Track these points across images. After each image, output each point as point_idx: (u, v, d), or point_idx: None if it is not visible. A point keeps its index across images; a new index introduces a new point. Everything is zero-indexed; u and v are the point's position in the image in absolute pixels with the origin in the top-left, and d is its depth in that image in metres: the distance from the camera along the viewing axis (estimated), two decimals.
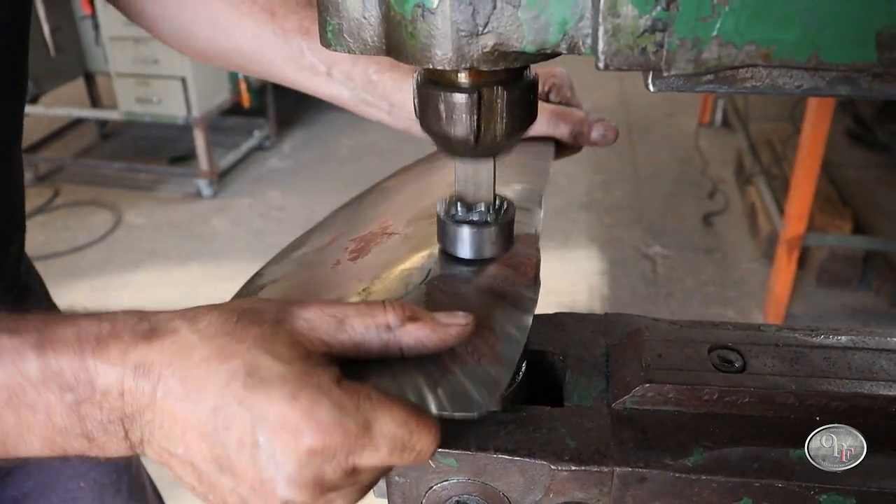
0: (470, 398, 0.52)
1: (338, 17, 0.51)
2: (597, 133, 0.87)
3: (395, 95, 0.89)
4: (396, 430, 0.50)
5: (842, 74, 0.46)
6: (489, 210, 0.61)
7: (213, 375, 0.48)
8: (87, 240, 3.94)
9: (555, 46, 0.47)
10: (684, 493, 0.59)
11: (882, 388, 0.62)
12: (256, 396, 0.48)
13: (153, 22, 0.97)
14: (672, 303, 3.31)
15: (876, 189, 3.97)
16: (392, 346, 0.54)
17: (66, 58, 4.21)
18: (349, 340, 0.53)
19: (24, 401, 0.49)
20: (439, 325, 0.54)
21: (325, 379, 0.49)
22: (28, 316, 0.51)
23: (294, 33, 0.90)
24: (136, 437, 0.50)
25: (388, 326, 0.53)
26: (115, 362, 0.49)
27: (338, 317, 0.53)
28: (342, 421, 0.48)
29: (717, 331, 0.70)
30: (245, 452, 0.48)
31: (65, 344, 0.49)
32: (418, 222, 0.74)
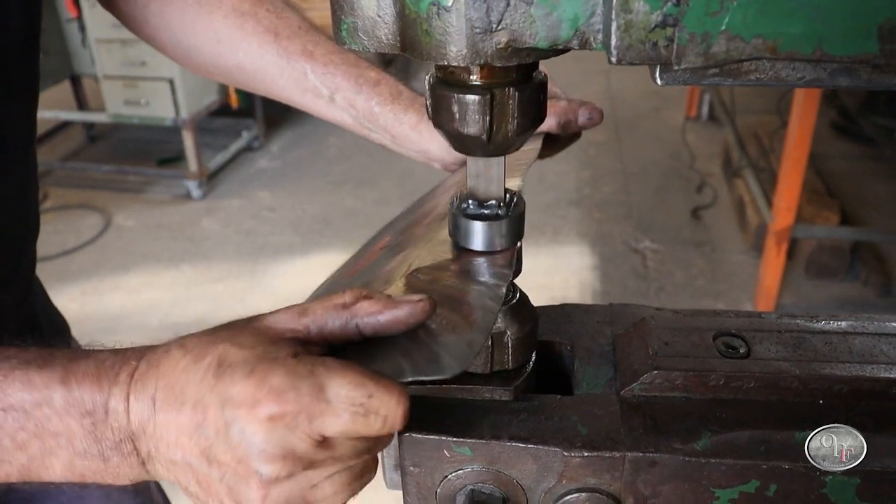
0: (440, 362, 0.55)
1: (352, 16, 0.52)
2: (583, 117, 0.88)
3: (396, 128, 0.91)
4: (352, 391, 0.51)
5: (844, 66, 0.47)
6: (500, 204, 0.63)
7: (191, 375, 0.53)
8: (77, 243, 3.93)
9: (567, 42, 0.48)
10: (694, 476, 0.60)
11: (883, 371, 0.64)
12: (223, 381, 0.52)
13: (156, 33, 0.97)
14: (663, 296, 3.34)
15: (862, 180, 4.01)
16: (350, 324, 0.57)
17: (52, 60, 4.19)
18: (312, 323, 0.56)
19: (49, 428, 0.54)
20: (391, 303, 0.56)
21: (282, 353, 0.53)
22: (55, 352, 0.57)
23: (297, 56, 0.92)
24: (144, 452, 0.55)
25: (345, 305, 0.56)
26: (122, 384, 0.54)
27: (300, 308, 0.57)
28: (295, 384, 0.51)
29: (720, 319, 0.72)
30: (222, 436, 0.51)
31: (86, 375, 0.54)
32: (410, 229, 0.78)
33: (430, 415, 0.64)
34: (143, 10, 0.95)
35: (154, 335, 2.17)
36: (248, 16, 0.92)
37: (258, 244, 3.87)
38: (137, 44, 3.95)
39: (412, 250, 0.72)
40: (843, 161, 4.20)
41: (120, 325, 3.28)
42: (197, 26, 0.94)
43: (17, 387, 0.54)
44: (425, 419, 0.63)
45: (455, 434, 0.62)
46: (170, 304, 3.42)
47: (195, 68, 1.01)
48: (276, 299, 3.37)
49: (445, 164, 0.93)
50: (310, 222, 4.07)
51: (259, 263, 3.69)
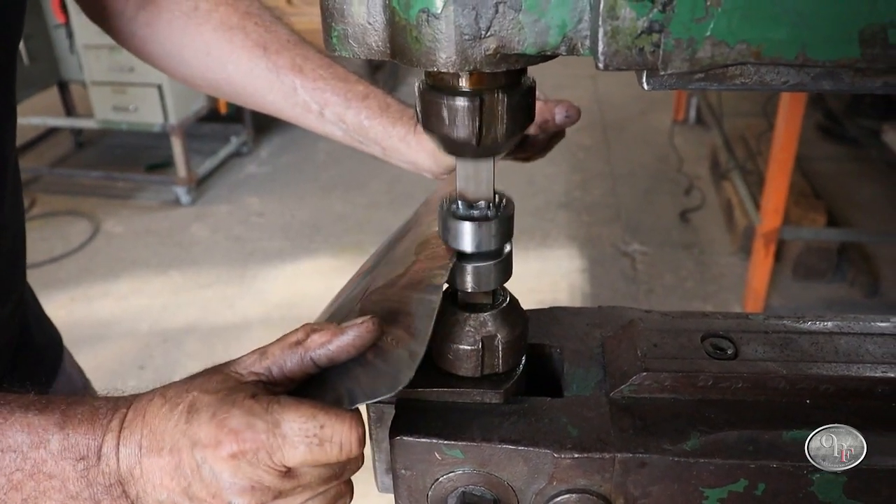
0: (385, 380, 0.57)
1: (343, 23, 0.52)
2: (560, 116, 0.88)
3: (385, 141, 0.92)
4: (304, 424, 0.55)
5: (826, 70, 0.48)
6: (489, 206, 0.63)
7: (168, 422, 0.56)
8: (65, 250, 3.91)
9: (555, 48, 0.49)
10: (683, 476, 0.61)
11: (868, 370, 0.64)
12: (191, 425, 0.55)
13: (143, 45, 0.97)
14: (652, 298, 3.35)
15: (847, 182, 4.05)
16: (305, 359, 0.60)
17: (39, 66, 4.18)
18: (273, 364, 0.60)
19: (44, 470, 0.57)
20: (338, 330, 0.59)
21: (241, 395, 0.56)
22: (53, 398, 0.60)
23: (286, 70, 0.92)
24: (133, 494, 0.57)
25: (298, 342, 0.60)
26: (114, 430, 0.57)
27: (261, 350, 0.61)
28: (251, 423, 0.54)
29: (708, 320, 0.72)
30: (196, 475, 0.55)
31: (81, 421, 0.58)
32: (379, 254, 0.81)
33: (421, 418, 0.64)
34: (131, 23, 0.95)
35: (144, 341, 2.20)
36: (237, 29, 0.92)
37: (247, 250, 3.86)
38: (126, 50, 3.94)
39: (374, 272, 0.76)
40: (829, 163, 4.23)
41: (109, 331, 3.27)
42: (185, 39, 0.94)
43: (17, 429, 0.57)
44: (416, 422, 0.64)
45: (446, 437, 0.63)
46: (159, 311, 3.41)
47: (183, 80, 1.01)
48: (265, 305, 3.36)
49: (434, 173, 0.94)
50: (299, 227, 4.07)
51: (248, 269, 3.68)
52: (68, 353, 1.08)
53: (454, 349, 0.66)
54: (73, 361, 1.09)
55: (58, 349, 1.04)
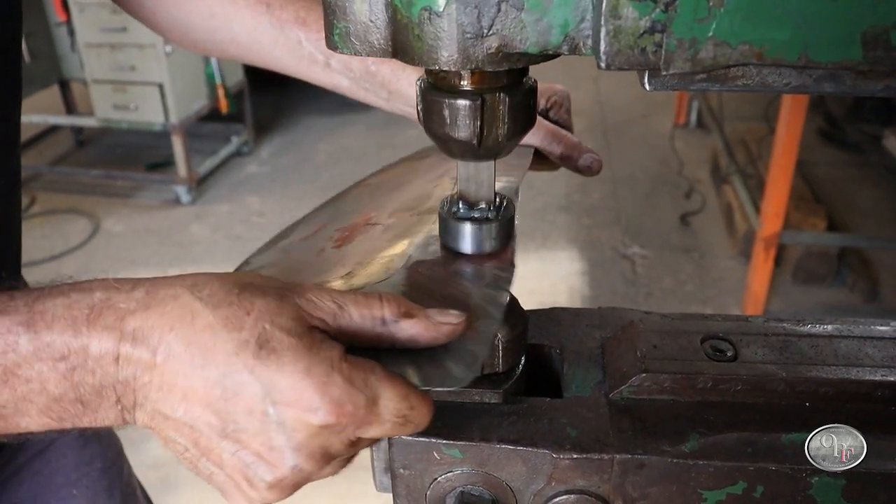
0: (451, 374, 0.55)
1: (345, 21, 0.52)
2: (584, 162, 0.89)
3: (392, 84, 0.91)
4: (399, 404, 0.52)
5: (828, 72, 0.48)
6: (490, 207, 0.63)
7: (221, 343, 0.49)
8: (65, 248, 3.91)
9: (557, 48, 0.49)
10: (682, 478, 0.61)
11: (868, 374, 0.64)
12: (269, 367, 0.49)
13: (152, 15, 0.98)
14: (652, 302, 3.35)
15: (848, 187, 4.04)
16: (385, 338, 0.55)
17: (40, 64, 4.18)
18: (347, 327, 0.54)
19: (18, 375, 0.50)
20: (432, 323, 0.55)
21: (335, 354, 0.51)
22: (16, 293, 0.52)
23: (291, 24, 0.92)
24: (129, 401, 0.51)
25: (384, 320, 0.55)
26: (111, 328, 0.50)
27: (337, 302, 0.54)
28: (353, 397, 0.50)
29: (707, 322, 0.72)
30: (254, 420, 0.50)
31: (55, 317, 0.50)
32: (400, 214, 0.77)
33: None
34: None
35: None
36: None
37: (248, 249, 3.81)
38: (127, 48, 3.95)
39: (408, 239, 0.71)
40: (829, 167, 4.23)
41: None
42: (190, 3, 0.95)
43: None
44: None
45: (445, 436, 0.62)
46: None
47: (192, 46, 1.02)
48: None
49: None
50: None
51: None
52: None
53: None
54: None
55: None
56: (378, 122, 4.97)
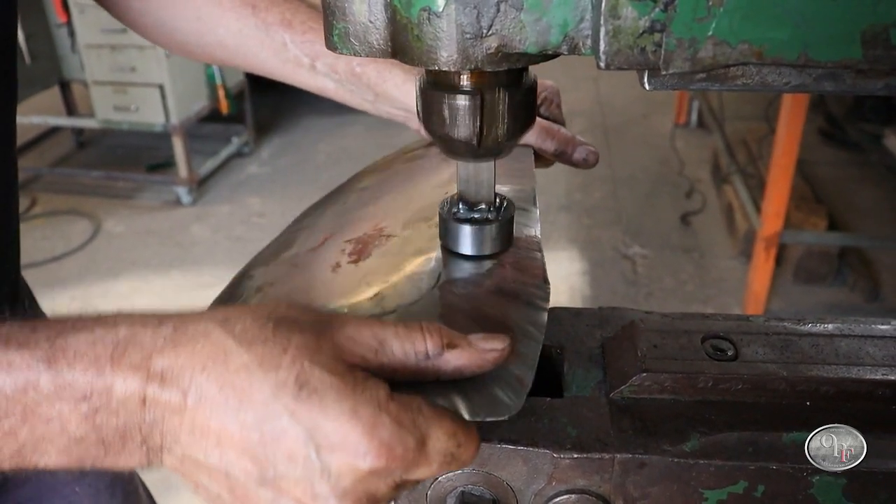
0: (500, 402, 0.52)
1: (344, 21, 0.53)
2: (579, 155, 0.87)
3: (379, 86, 0.90)
4: (447, 443, 0.50)
5: (828, 71, 0.48)
6: (490, 208, 0.63)
7: (258, 384, 0.46)
8: (66, 249, 3.91)
9: (556, 47, 0.49)
10: (683, 477, 0.61)
11: (869, 373, 0.64)
12: (311, 409, 0.46)
13: (138, 18, 0.98)
14: (652, 302, 3.35)
15: (849, 186, 4.04)
16: (430, 372, 0.52)
17: (41, 66, 4.18)
18: (388, 364, 0.51)
19: (38, 413, 0.47)
20: (477, 352, 0.52)
21: (381, 394, 0.48)
22: (39, 325, 0.49)
23: (276, 26, 0.91)
24: (156, 443, 0.48)
25: (427, 355, 0.52)
26: (137, 367, 0.47)
27: (377, 337, 0.51)
28: (403, 439, 0.47)
29: (708, 322, 0.72)
30: (296, 466, 0.47)
31: (77, 354, 0.47)
32: (415, 225, 0.75)
33: None
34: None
35: None
36: None
37: (248, 250, 3.84)
38: (127, 50, 3.95)
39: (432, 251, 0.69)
40: (830, 167, 4.23)
41: None
42: (177, 6, 0.95)
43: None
44: None
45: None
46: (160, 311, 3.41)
47: (179, 49, 1.01)
48: None
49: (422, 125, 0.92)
50: None
51: None
52: None
53: None
54: None
55: None
56: (378, 123, 4.95)
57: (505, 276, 0.64)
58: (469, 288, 0.63)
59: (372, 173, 0.97)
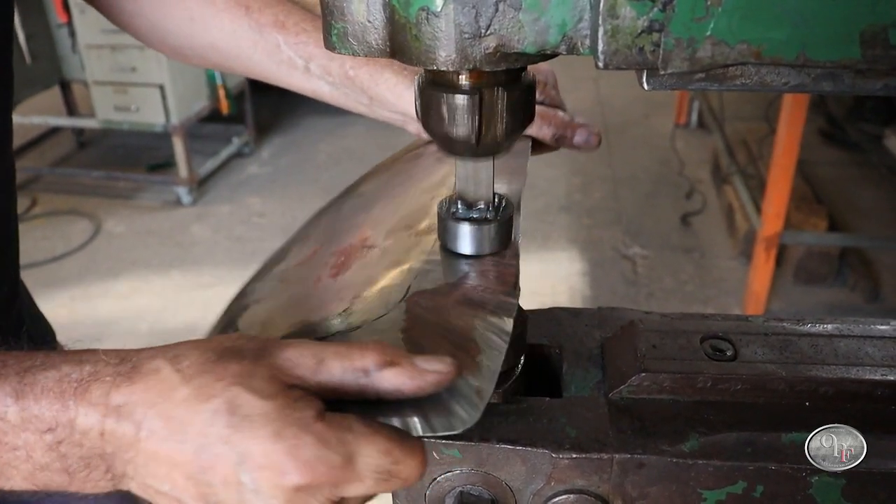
0: (455, 416, 0.52)
1: (342, 21, 0.53)
2: (580, 137, 0.86)
3: (372, 90, 0.89)
4: (380, 460, 0.50)
5: (827, 71, 0.48)
6: (489, 207, 0.63)
7: (195, 415, 0.49)
8: (66, 249, 3.91)
9: (555, 47, 0.49)
10: (681, 477, 0.61)
11: (868, 373, 0.64)
12: (240, 435, 0.48)
13: (131, 20, 0.97)
14: (652, 302, 3.35)
15: (849, 187, 4.04)
16: (369, 390, 0.53)
17: (41, 66, 4.18)
18: (327, 382, 0.52)
19: (5, 442, 0.51)
20: (417, 372, 0.52)
21: (308, 414, 0.50)
22: (9, 360, 0.52)
23: (269, 27, 0.91)
24: (119, 471, 0.52)
25: (366, 371, 0.52)
26: (97, 403, 0.50)
27: (317, 357, 0.53)
28: (326, 457, 0.49)
29: (707, 322, 0.72)
30: (231, 490, 0.49)
31: (44, 389, 0.51)
32: (397, 234, 0.75)
33: None
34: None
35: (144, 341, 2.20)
36: None
37: (248, 250, 3.86)
38: (128, 50, 3.95)
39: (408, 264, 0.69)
40: (830, 167, 4.23)
41: (109, 331, 3.27)
42: (170, 8, 0.94)
43: None
44: None
45: (444, 436, 0.62)
46: (160, 311, 3.41)
47: (172, 52, 1.01)
48: None
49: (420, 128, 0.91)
50: None
51: (249, 269, 3.64)
52: (62, 348, 1.08)
53: None
54: None
55: (51, 345, 1.04)
56: (378, 123, 4.93)
57: (475, 286, 0.63)
58: (437, 299, 0.63)
59: (374, 176, 0.96)
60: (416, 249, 0.70)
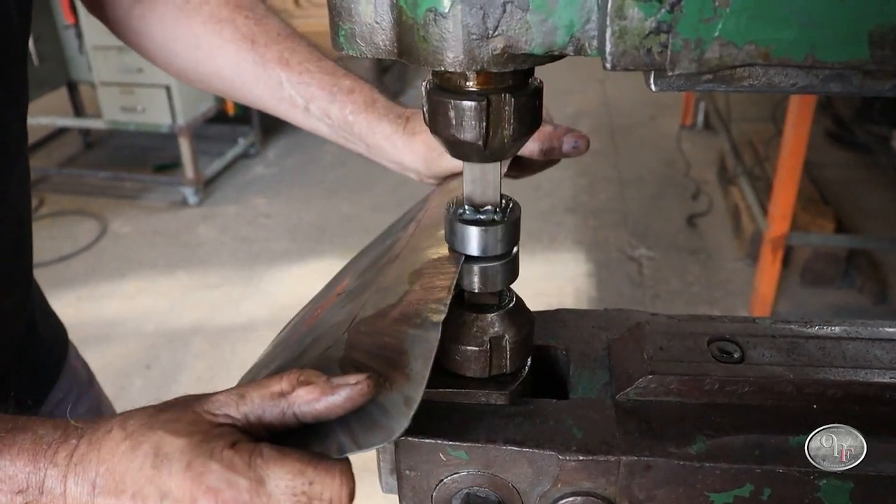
0: (381, 427, 0.54)
1: (350, 22, 0.52)
2: (567, 145, 0.85)
3: (370, 138, 0.90)
4: (292, 481, 0.52)
5: (835, 72, 0.47)
6: (496, 210, 0.63)
7: (129, 464, 0.52)
8: (73, 249, 3.93)
9: (562, 48, 0.49)
10: (688, 480, 0.61)
11: (876, 376, 0.64)
12: (161, 472, 0.52)
13: (139, 39, 0.98)
14: (658, 303, 3.34)
15: (856, 188, 4.03)
16: (287, 414, 0.55)
17: (49, 67, 4.20)
18: (251, 412, 0.55)
19: None
20: (329, 388, 0.54)
21: (218, 444, 0.52)
22: None
23: (273, 64, 0.91)
24: None
25: (283, 394, 0.55)
26: (60, 464, 0.54)
27: (239, 392, 0.56)
28: (232, 481, 0.51)
29: (714, 324, 0.72)
30: None
31: (22, 451, 0.54)
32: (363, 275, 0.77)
33: (426, 419, 0.64)
34: (127, 17, 0.96)
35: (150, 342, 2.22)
36: (227, 22, 0.92)
37: (254, 251, 3.87)
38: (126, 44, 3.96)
39: (362, 297, 0.71)
40: (837, 169, 4.22)
41: (116, 331, 3.28)
42: (177, 31, 0.94)
43: None
44: (421, 423, 0.63)
45: (451, 438, 0.62)
46: (166, 311, 3.42)
47: (176, 74, 1.01)
48: (272, 306, 3.37)
49: (421, 176, 0.91)
50: (306, 229, 4.07)
51: (255, 270, 3.68)
52: (73, 347, 1.08)
53: (462, 350, 0.65)
54: (77, 355, 1.09)
55: (63, 343, 1.05)
56: None
57: (410, 301, 0.64)
58: (375, 322, 0.64)
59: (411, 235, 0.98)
60: (371, 281, 0.73)
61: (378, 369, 0.58)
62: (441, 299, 0.61)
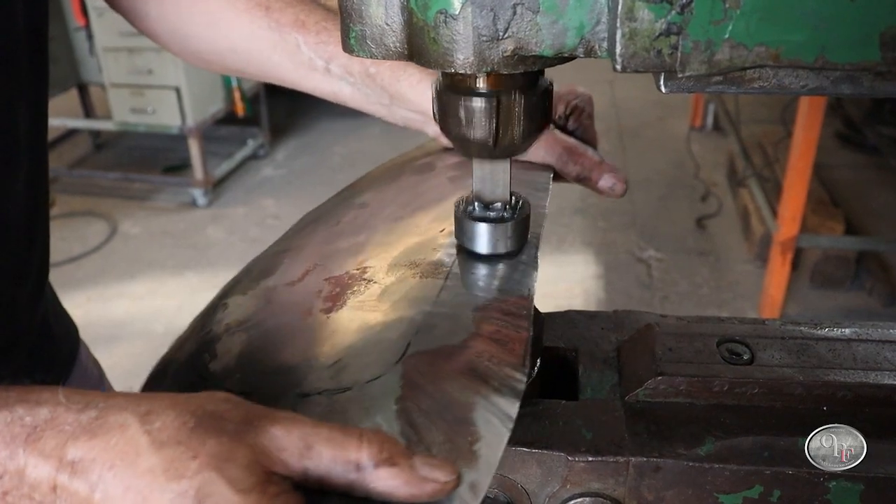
0: None
1: (360, 24, 0.53)
2: (605, 183, 0.82)
3: (393, 86, 0.87)
4: None
5: (846, 74, 0.47)
6: (505, 207, 0.63)
7: (159, 494, 0.43)
8: (83, 250, 3.94)
9: (572, 50, 0.49)
10: (698, 481, 0.61)
11: (887, 378, 0.64)
12: None
13: (154, 24, 0.98)
14: (667, 305, 3.34)
15: (866, 190, 4.01)
16: (357, 487, 0.47)
17: (59, 69, 4.22)
18: (313, 471, 0.47)
19: None
20: (416, 478, 0.46)
21: None
22: None
23: (289, 27, 0.90)
24: None
25: (359, 466, 0.46)
26: (50, 455, 0.45)
27: (306, 440, 0.47)
28: None
29: (724, 325, 0.72)
30: None
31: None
32: (399, 270, 0.68)
33: None
34: (144, 3, 0.96)
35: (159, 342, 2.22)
36: None
37: None
38: (144, 52, 3.98)
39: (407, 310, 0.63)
40: (847, 171, 4.20)
41: (125, 331, 3.29)
42: (193, 12, 0.94)
43: None
44: None
45: None
46: (175, 312, 3.43)
47: (192, 57, 1.00)
48: None
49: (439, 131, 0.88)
50: None
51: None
52: (84, 345, 1.08)
53: None
54: (88, 354, 1.10)
55: (74, 341, 1.05)
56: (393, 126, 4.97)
57: (480, 352, 0.56)
58: (437, 364, 0.56)
59: (378, 182, 0.93)
60: (419, 294, 0.64)
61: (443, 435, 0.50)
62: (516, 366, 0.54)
